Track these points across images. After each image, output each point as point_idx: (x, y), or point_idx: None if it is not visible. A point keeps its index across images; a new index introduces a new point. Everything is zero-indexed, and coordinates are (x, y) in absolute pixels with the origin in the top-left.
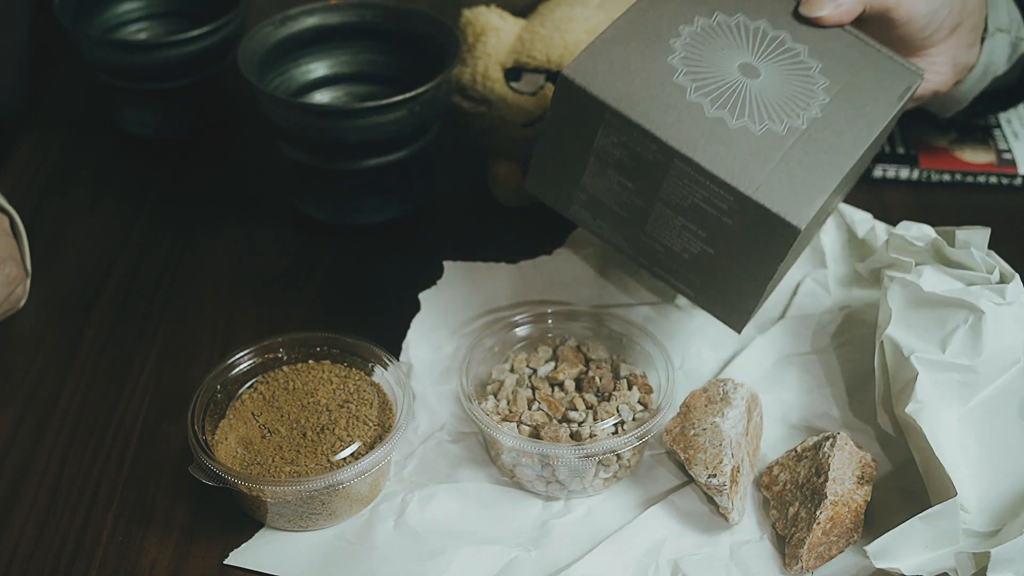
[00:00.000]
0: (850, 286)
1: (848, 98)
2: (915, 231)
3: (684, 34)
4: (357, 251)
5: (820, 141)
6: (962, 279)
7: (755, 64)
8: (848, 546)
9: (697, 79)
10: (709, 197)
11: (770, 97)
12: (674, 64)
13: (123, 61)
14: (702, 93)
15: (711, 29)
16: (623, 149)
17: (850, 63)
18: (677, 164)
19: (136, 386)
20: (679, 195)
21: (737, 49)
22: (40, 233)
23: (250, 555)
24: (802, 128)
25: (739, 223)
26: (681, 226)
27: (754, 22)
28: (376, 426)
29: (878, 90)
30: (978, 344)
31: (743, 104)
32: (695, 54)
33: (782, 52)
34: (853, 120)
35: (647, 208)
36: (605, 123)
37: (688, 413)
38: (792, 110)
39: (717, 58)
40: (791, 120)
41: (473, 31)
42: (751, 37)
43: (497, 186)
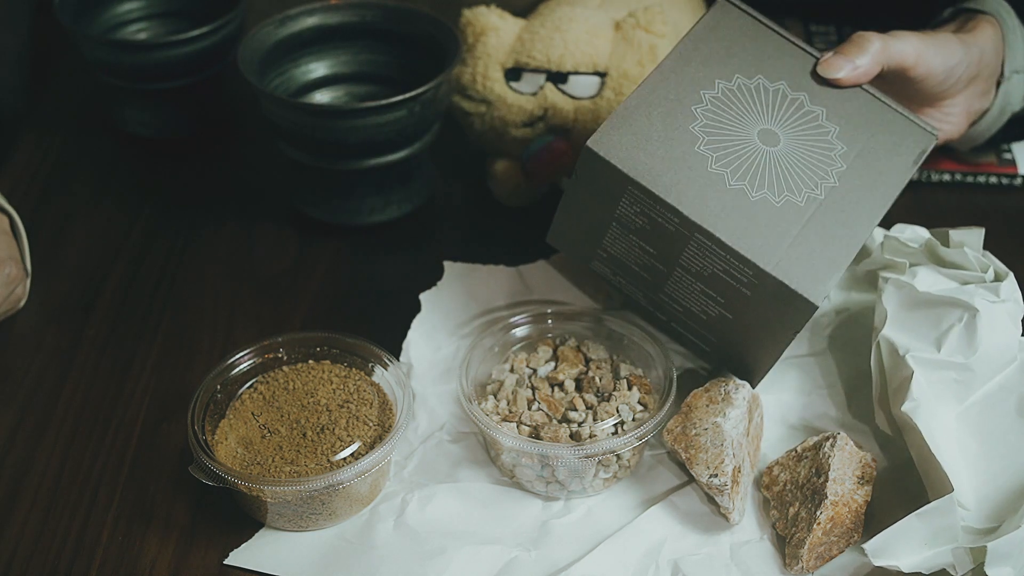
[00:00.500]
0: (848, 290)
1: (865, 164)
2: (909, 233)
3: (706, 99)
4: (357, 251)
5: (838, 212)
6: (956, 279)
7: (775, 130)
8: (848, 546)
9: (718, 148)
10: (728, 269)
11: (789, 166)
12: (696, 133)
13: (123, 61)
14: (723, 163)
15: (732, 93)
16: (644, 218)
17: (866, 125)
18: (698, 237)
19: (136, 386)
20: (699, 264)
21: (757, 114)
22: (40, 233)
23: (250, 555)
24: (820, 199)
25: (758, 295)
26: (700, 291)
27: (773, 84)
28: (376, 426)
29: (893, 155)
30: (973, 342)
31: (763, 174)
32: (716, 121)
33: (801, 116)
34: (870, 188)
35: (667, 272)
36: (627, 193)
37: (690, 413)
38: (811, 179)
39: (737, 125)
40: (809, 190)
41: (473, 31)
42: (770, 100)
43: (497, 186)
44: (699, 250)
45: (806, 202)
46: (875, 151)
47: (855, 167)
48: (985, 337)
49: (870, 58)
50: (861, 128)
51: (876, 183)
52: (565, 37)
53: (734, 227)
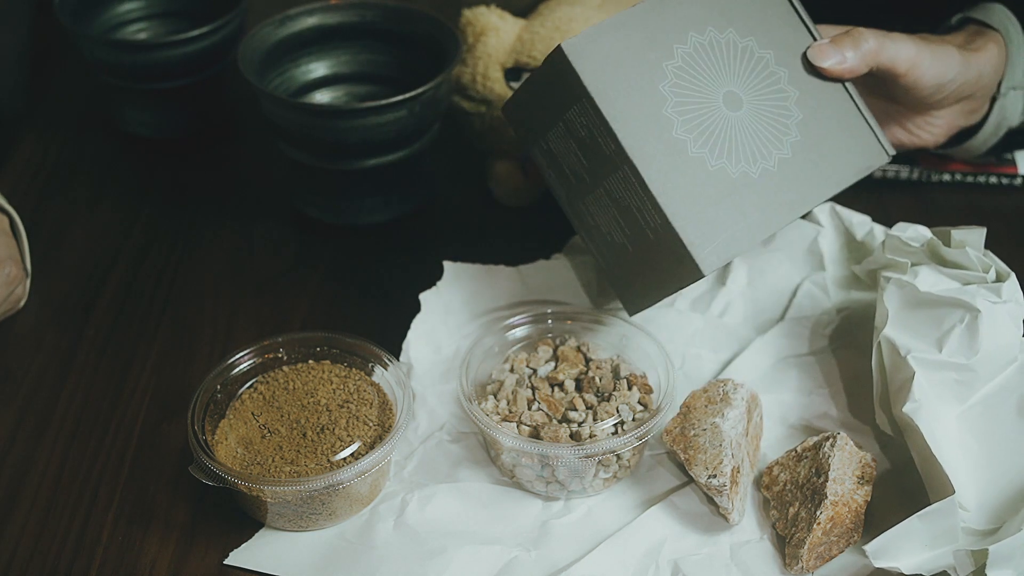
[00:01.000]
0: (849, 289)
1: (808, 160)
2: (911, 232)
3: (689, 42)
4: (357, 251)
5: (763, 195)
6: (958, 279)
7: (741, 95)
8: (848, 546)
9: (680, 96)
10: (642, 208)
11: (738, 135)
12: (666, 71)
13: (123, 61)
14: (677, 112)
15: (718, 43)
16: (587, 131)
17: (828, 124)
18: (626, 169)
19: (136, 386)
20: (619, 192)
21: (733, 72)
22: (40, 233)
23: (250, 555)
24: (753, 176)
25: (659, 242)
26: (613, 216)
27: (762, 50)
28: (376, 426)
29: (839, 161)
30: (974, 343)
31: (712, 136)
32: (690, 68)
33: (773, 93)
34: (803, 183)
35: (591, 187)
36: (580, 103)
37: (688, 413)
38: (752, 156)
39: (708, 78)
40: (747, 165)
41: (473, 31)
42: (752, 66)
43: (497, 186)
44: (624, 181)
45: (739, 176)
46: (824, 152)
47: (798, 159)
48: (986, 338)
49: (860, 56)
50: (822, 124)
51: (811, 181)
52: (565, 37)
53: (662, 174)
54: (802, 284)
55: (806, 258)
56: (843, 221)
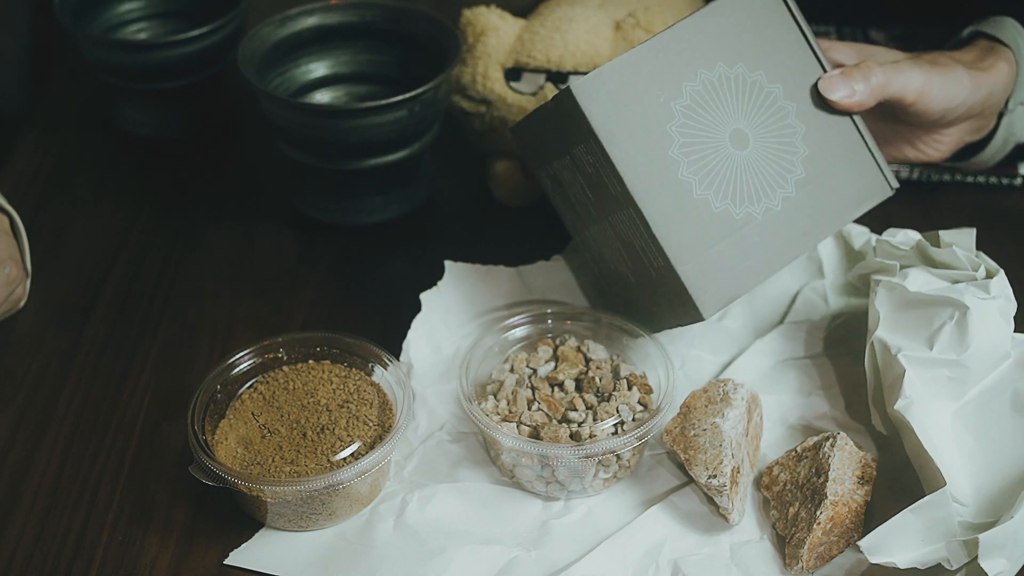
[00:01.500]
0: (847, 296)
1: (812, 197)
2: (900, 236)
3: (698, 79)
4: (357, 251)
5: (766, 236)
6: (947, 278)
7: (748, 133)
8: (848, 546)
9: (688, 135)
10: (646, 248)
11: (745, 175)
12: (674, 111)
13: (123, 61)
14: (685, 152)
15: (727, 79)
16: (594, 169)
17: (833, 159)
18: (631, 211)
19: (136, 386)
20: (624, 230)
21: (741, 109)
22: (40, 233)
23: (250, 555)
24: (757, 217)
25: (662, 282)
26: (617, 249)
27: (771, 84)
28: (376, 426)
29: (842, 197)
30: (964, 339)
31: (717, 177)
32: (698, 107)
33: (780, 129)
34: (806, 221)
35: (596, 219)
36: (588, 143)
37: (688, 413)
38: (757, 195)
39: (716, 116)
40: (751, 206)
41: (473, 31)
42: (761, 101)
43: (497, 186)
44: (628, 221)
45: (742, 217)
46: (828, 188)
47: (802, 197)
48: (976, 334)
49: (869, 91)
50: (827, 161)
51: (815, 218)
52: (565, 37)
53: (666, 217)
54: (801, 291)
55: (805, 265)
56: (841, 230)
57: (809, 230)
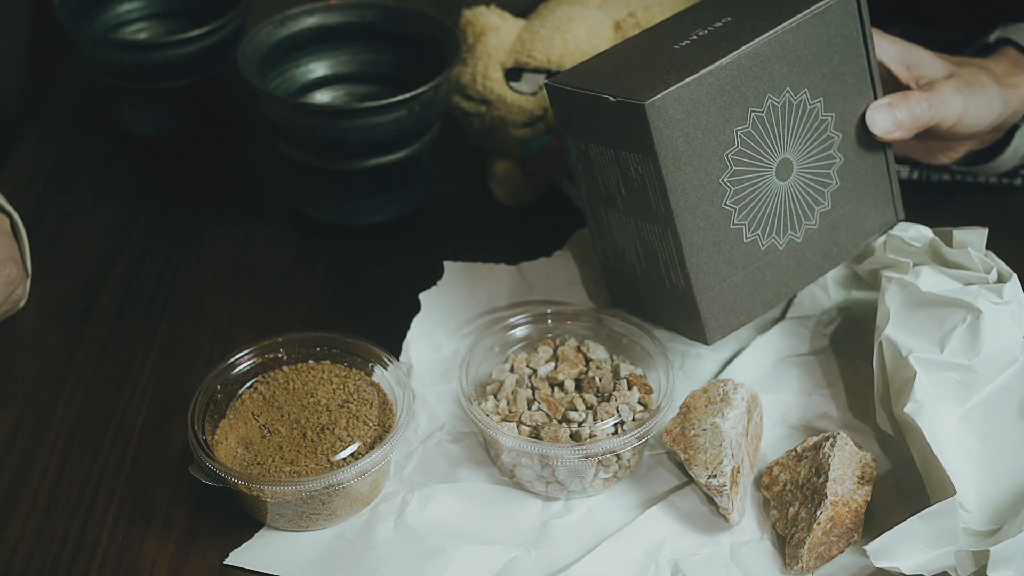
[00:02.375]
0: (849, 287)
1: (831, 228)
2: (912, 232)
3: (764, 106)
4: (357, 251)
5: (782, 268)
6: (960, 279)
7: (793, 163)
8: (848, 546)
9: (740, 163)
10: (668, 263)
11: (779, 207)
12: (735, 138)
13: (123, 61)
14: (733, 180)
15: (789, 106)
16: (639, 177)
17: (857, 191)
18: (668, 231)
19: (136, 386)
20: (650, 237)
21: (793, 138)
22: (40, 233)
23: (250, 555)
24: (780, 249)
25: (674, 294)
26: (634, 244)
27: (826, 113)
28: (376, 426)
29: (857, 228)
30: (976, 343)
31: (756, 209)
32: (757, 135)
33: (822, 159)
34: (820, 254)
35: (622, 211)
36: (642, 158)
37: (688, 413)
38: (784, 227)
39: (770, 145)
40: (776, 238)
41: (473, 31)
42: (812, 130)
43: (497, 186)
44: (660, 235)
45: (767, 247)
46: (848, 220)
47: (824, 228)
48: (988, 339)
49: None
50: (853, 192)
51: (828, 250)
52: (565, 37)
53: (700, 244)
54: None
55: None
56: None
57: (822, 261)
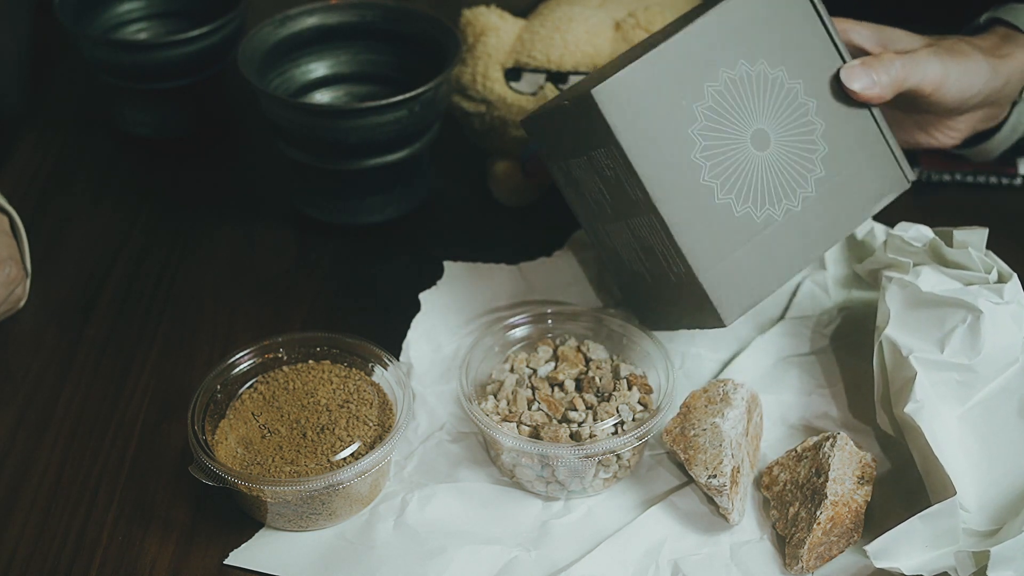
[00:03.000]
0: (849, 288)
1: (831, 195)
2: (913, 232)
3: (720, 79)
4: (357, 251)
5: (787, 238)
6: (960, 279)
7: (769, 133)
8: (848, 546)
9: (709, 138)
10: (666, 254)
11: (766, 177)
12: (696, 114)
13: (123, 61)
14: (706, 156)
15: (748, 78)
16: (613, 173)
17: (852, 154)
18: (652, 217)
19: (136, 386)
20: (643, 233)
21: (762, 108)
22: (40, 233)
23: (250, 555)
24: (778, 219)
25: (681, 287)
26: (634, 250)
27: (792, 80)
28: (376, 426)
29: (861, 193)
30: (976, 344)
31: (739, 181)
32: (720, 108)
33: (800, 127)
34: (826, 220)
35: (613, 219)
36: (608, 149)
37: (688, 413)
38: (777, 197)
39: (738, 117)
40: (771, 208)
41: (473, 31)
42: (782, 99)
43: (497, 186)
44: (649, 226)
45: (763, 220)
46: (848, 185)
47: (823, 196)
48: (988, 339)
49: (889, 83)
50: (846, 155)
51: (833, 218)
52: (565, 37)
53: (688, 224)
54: (803, 283)
55: None
56: None
57: (829, 229)
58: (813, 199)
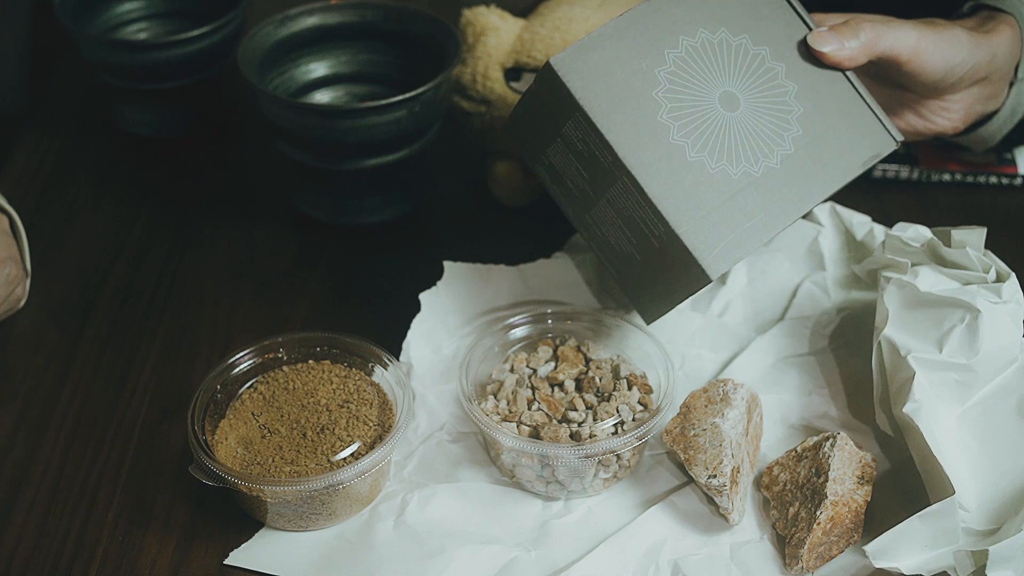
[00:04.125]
0: (849, 288)
1: (812, 153)
2: (911, 232)
3: (681, 46)
4: (357, 251)
5: (767, 194)
6: (958, 279)
7: (738, 95)
8: (848, 546)
9: (675, 100)
10: (645, 218)
11: (739, 136)
12: (659, 78)
13: (123, 61)
14: (674, 116)
15: (710, 44)
16: (584, 144)
17: (830, 115)
18: (625, 180)
19: (136, 386)
20: (621, 203)
21: (727, 72)
22: (40, 233)
23: (250, 555)
24: (756, 175)
25: (665, 250)
26: (618, 227)
27: (756, 47)
28: (376, 426)
29: (845, 152)
30: (975, 343)
31: (710, 139)
32: (683, 72)
33: (771, 88)
34: (808, 178)
35: (595, 199)
36: (574, 118)
37: (688, 413)
38: (754, 154)
39: (702, 80)
40: (748, 165)
41: (473, 31)
42: (747, 64)
43: (497, 186)
44: (624, 192)
45: (740, 176)
46: (828, 143)
47: (801, 154)
48: (987, 338)
49: (859, 46)
50: (824, 116)
51: (816, 174)
52: (565, 37)
53: (661, 182)
54: (802, 284)
55: (806, 258)
56: (843, 221)
57: (812, 187)
58: (793, 157)
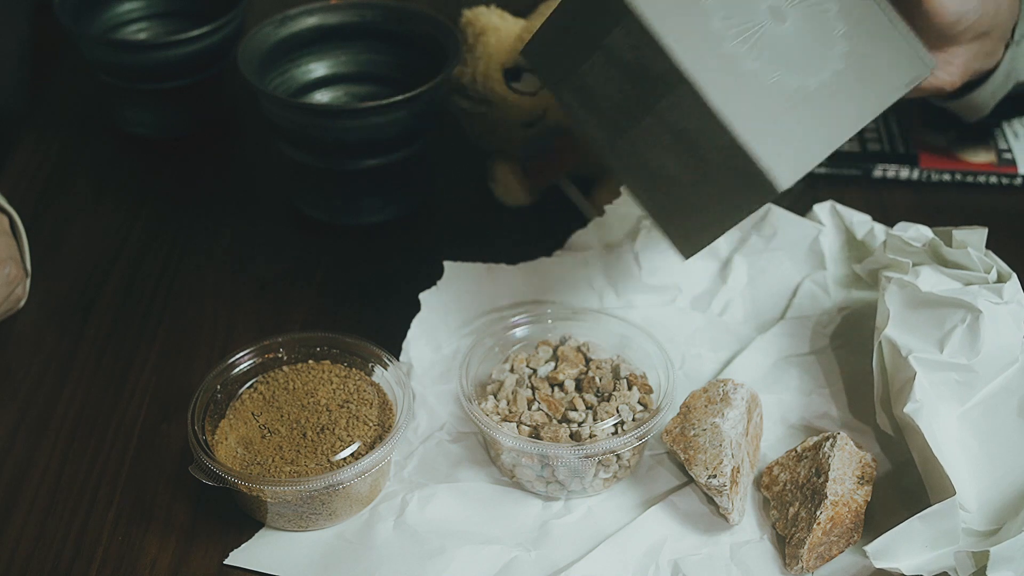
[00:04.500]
0: (849, 288)
1: (859, 71)
2: (912, 232)
3: None
4: (357, 251)
5: (825, 108)
6: (959, 279)
7: (784, 9)
8: (848, 546)
9: (726, 10)
10: (702, 129)
11: (790, 48)
12: None
13: (123, 61)
14: (727, 25)
15: None
16: (633, 54)
17: (871, 35)
18: (683, 89)
19: (136, 386)
20: (673, 117)
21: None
22: (40, 233)
23: (250, 555)
24: (811, 89)
25: (724, 163)
26: (665, 145)
27: None
28: (376, 426)
29: (888, 72)
30: (976, 343)
31: (763, 48)
32: None
33: (813, 4)
34: (859, 96)
35: (638, 117)
36: (623, 24)
37: (688, 413)
38: (806, 68)
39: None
40: (802, 78)
41: (473, 31)
42: None
43: (497, 186)
44: (679, 103)
45: (796, 88)
46: (873, 63)
47: (850, 71)
48: (988, 339)
49: None
50: (866, 35)
51: (866, 93)
52: None
53: (721, 90)
54: (803, 283)
55: (807, 257)
56: (844, 220)
57: (863, 104)
58: (843, 72)
